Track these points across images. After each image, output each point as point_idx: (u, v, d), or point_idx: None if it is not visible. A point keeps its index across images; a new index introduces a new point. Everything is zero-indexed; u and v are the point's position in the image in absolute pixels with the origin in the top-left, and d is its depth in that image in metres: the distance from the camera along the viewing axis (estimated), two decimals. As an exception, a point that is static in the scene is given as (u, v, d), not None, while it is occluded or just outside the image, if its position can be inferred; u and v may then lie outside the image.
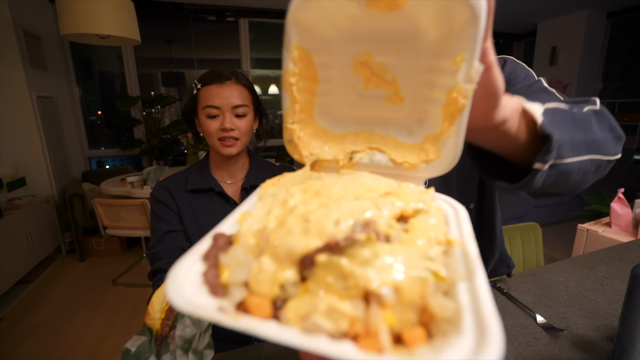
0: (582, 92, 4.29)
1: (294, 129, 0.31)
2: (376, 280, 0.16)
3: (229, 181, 0.89)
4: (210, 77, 0.80)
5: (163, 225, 0.80)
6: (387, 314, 0.16)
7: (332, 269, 0.16)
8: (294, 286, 0.17)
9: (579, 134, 0.39)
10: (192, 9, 3.63)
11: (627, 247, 1.05)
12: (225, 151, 0.81)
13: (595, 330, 0.67)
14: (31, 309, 2.23)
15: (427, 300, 0.16)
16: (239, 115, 0.80)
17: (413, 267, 0.17)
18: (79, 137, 3.58)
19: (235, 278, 0.18)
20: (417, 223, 0.21)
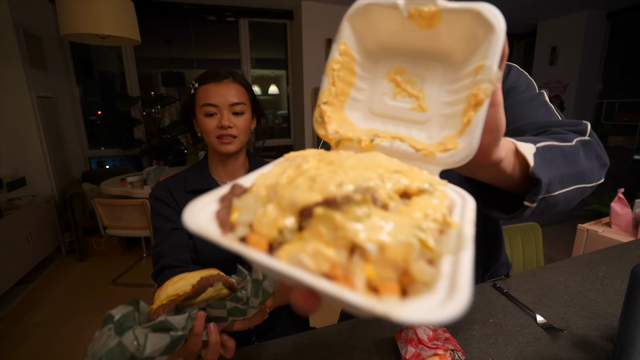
0: (582, 92, 4.29)
1: (325, 109, 0.33)
2: (363, 235, 0.17)
3: (228, 181, 0.88)
4: (207, 76, 0.80)
5: (167, 224, 0.80)
6: (368, 267, 0.17)
7: (326, 221, 0.18)
8: (291, 233, 0.19)
9: (568, 168, 0.43)
10: (192, 9, 3.63)
11: (627, 247, 1.05)
12: (224, 149, 0.81)
13: (595, 330, 0.67)
14: (31, 309, 2.23)
15: (409, 264, 0.17)
16: (237, 113, 0.81)
17: (402, 232, 0.18)
18: (79, 137, 3.58)
19: (242, 219, 0.21)
20: (418, 200, 0.22)
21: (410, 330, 0.58)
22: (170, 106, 4.03)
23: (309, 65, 3.76)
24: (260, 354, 0.65)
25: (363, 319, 0.74)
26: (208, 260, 0.82)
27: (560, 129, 0.52)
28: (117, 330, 0.37)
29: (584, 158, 0.47)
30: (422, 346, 0.54)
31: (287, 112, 4.43)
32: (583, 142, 0.49)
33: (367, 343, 0.66)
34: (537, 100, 0.61)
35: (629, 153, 3.84)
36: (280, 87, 4.50)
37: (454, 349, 0.55)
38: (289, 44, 4.10)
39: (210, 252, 0.81)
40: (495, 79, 0.28)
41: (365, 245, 0.17)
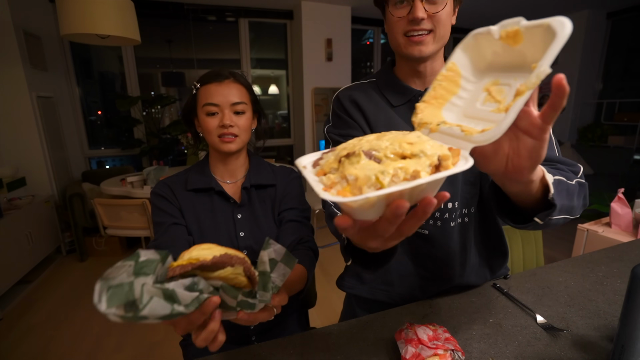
0: (582, 92, 4.29)
1: (419, 105, 0.46)
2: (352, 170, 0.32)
3: (228, 181, 0.89)
4: (209, 77, 0.82)
5: (167, 218, 0.81)
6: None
7: (345, 163, 0.34)
8: (335, 169, 0.34)
9: (567, 201, 0.54)
10: (192, 9, 3.63)
11: (627, 247, 1.05)
12: (225, 147, 0.81)
13: (595, 330, 0.67)
14: (31, 309, 2.23)
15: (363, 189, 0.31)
16: (238, 113, 0.82)
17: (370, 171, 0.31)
18: (79, 137, 3.58)
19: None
20: (407, 160, 0.33)
21: (410, 330, 0.58)
22: (170, 106, 4.03)
23: (309, 65, 3.76)
24: (260, 353, 0.65)
25: (363, 319, 0.74)
26: None
27: (564, 167, 0.64)
28: (135, 271, 0.37)
29: (577, 196, 0.58)
30: (422, 346, 0.54)
31: (287, 112, 4.43)
32: (580, 183, 0.60)
33: (367, 343, 0.66)
34: None
35: (629, 153, 3.84)
36: (280, 87, 4.50)
37: (454, 349, 0.55)
38: (289, 44, 4.10)
39: None
40: (542, 75, 0.33)
41: (348, 175, 0.32)
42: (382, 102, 0.77)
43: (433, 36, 0.66)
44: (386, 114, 0.76)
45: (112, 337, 1.94)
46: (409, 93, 0.75)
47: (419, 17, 0.63)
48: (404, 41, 0.68)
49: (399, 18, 0.66)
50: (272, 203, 0.89)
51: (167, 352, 1.82)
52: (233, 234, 0.84)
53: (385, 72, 0.80)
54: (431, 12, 0.64)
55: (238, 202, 0.86)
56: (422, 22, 0.64)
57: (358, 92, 0.80)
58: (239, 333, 0.88)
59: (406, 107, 0.75)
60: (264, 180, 0.89)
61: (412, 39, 0.66)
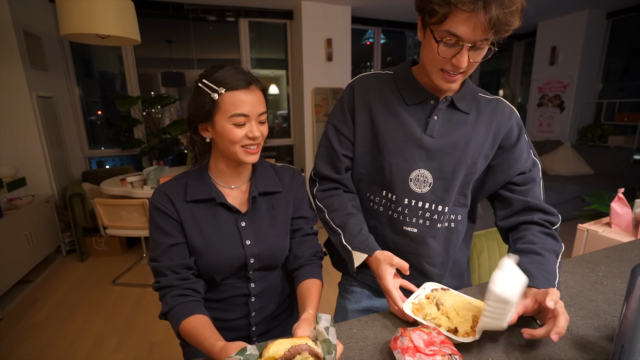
0: (582, 92, 4.29)
1: None
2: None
3: (233, 185, 0.85)
4: (233, 82, 0.73)
5: (166, 239, 0.78)
6: None
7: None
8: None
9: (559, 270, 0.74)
10: (192, 9, 3.63)
11: (627, 247, 1.05)
12: (249, 159, 0.78)
13: (595, 330, 0.67)
14: (31, 309, 2.23)
15: None
16: (262, 122, 0.79)
17: None
18: (79, 137, 3.58)
19: None
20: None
21: (405, 337, 0.57)
22: (170, 106, 4.03)
23: (309, 65, 3.76)
24: (260, 354, 0.65)
25: (363, 319, 0.74)
26: (210, 277, 0.82)
27: (543, 221, 0.81)
28: None
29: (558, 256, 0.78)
30: (419, 354, 0.54)
31: (287, 112, 4.43)
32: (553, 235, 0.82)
33: (367, 343, 0.66)
34: (532, 174, 0.82)
35: (629, 153, 3.84)
36: (280, 87, 4.50)
37: (451, 353, 0.55)
38: (289, 44, 4.10)
39: (212, 271, 0.81)
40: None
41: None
42: (395, 101, 0.81)
43: (462, 76, 0.72)
44: (397, 117, 0.80)
45: (112, 337, 1.94)
46: (424, 94, 0.79)
47: (462, 67, 0.66)
48: (437, 74, 0.71)
49: (443, 57, 0.67)
50: (280, 208, 0.87)
51: (167, 352, 1.82)
52: (239, 244, 0.81)
53: (404, 68, 0.83)
54: (473, 60, 0.66)
55: (242, 211, 0.83)
56: (461, 68, 0.67)
57: (373, 90, 0.83)
58: (239, 335, 0.88)
59: (419, 107, 0.80)
60: (270, 187, 0.86)
61: (446, 77, 0.70)
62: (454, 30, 0.62)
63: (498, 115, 0.80)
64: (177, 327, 0.71)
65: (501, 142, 0.80)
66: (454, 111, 0.79)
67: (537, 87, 4.70)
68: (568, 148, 4.14)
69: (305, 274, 0.86)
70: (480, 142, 0.78)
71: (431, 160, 0.78)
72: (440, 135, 0.78)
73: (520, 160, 0.80)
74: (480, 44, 0.63)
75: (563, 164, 4.09)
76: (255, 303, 0.87)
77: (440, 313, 0.66)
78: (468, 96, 0.80)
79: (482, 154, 0.79)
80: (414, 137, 0.78)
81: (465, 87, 0.80)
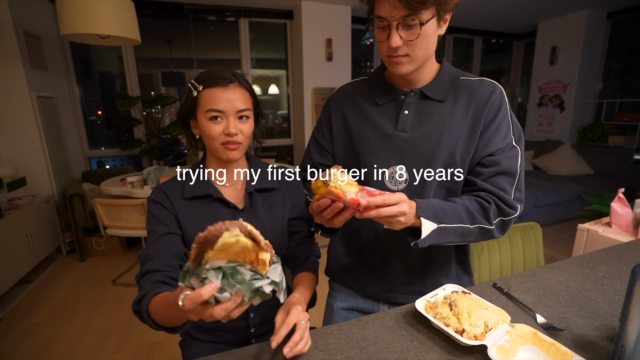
0: (582, 92, 4.29)
1: None
2: None
3: (228, 184, 0.86)
4: (212, 79, 0.76)
5: (161, 227, 0.78)
6: None
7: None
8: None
9: (456, 238, 0.73)
10: (192, 9, 3.63)
11: (627, 247, 1.05)
12: (229, 155, 0.79)
13: (595, 330, 0.67)
14: (31, 309, 2.23)
15: None
16: (242, 119, 0.79)
17: None
18: (79, 137, 3.58)
19: None
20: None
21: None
22: (170, 106, 4.03)
23: (309, 65, 3.76)
24: (260, 354, 0.65)
25: (363, 319, 0.74)
26: None
27: (493, 207, 0.73)
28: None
29: (474, 236, 0.74)
30: None
31: (287, 112, 4.43)
32: (483, 229, 0.73)
33: (367, 343, 0.66)
34: (497, 157, 0.75)
35: (629, 153, 3.84)
36: (280, 87, 4.50)
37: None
38: (289, 44, 4.10)
39: None
40: None
41: None
42: (366, 104, 0.84)
43: (409, 59, 0.71)
44: (368, 119, 0.83)
45: (112, 337, 1.94)
46: (392, 92, 0.81)
47: (394, 46, 0.68)
48: (387, 60, 0.74)
49: (380, 42, 0.72)
50: (277, 206, 0.88)
51: (167, 352, 1.82)
52: None
53: (377, 72, 0.86)
54: (406, 39, 0.68)
55: (239, 207, 0.83)
56: (399, 49, 0.69)
57: (347, 98, 0.88)
58: (238, 335, 0.88)
59: (390, 105, 0.82)
60: (266, 184, 0.86)
61: (392, 59, 0.72)
62: (378, 13, 0.68)
63: (476, 99, 0.75)
64: (147, 304, 0.64)
65: (482, 128, 0.75)
66: (427, 102, 0.78)
67: (537, 87, 4.70)
68: (568, 148, 4.14)
69: (301, 268, 0.90)
70: (457, 130, 0.75)
71: (405, 156, 0.78)
72: (412, 129, 0.78)
73: (490, 143, 0.75)
74: (405, 21, 0.66)
75: (563, 164, 4.09)
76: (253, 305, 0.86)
77: (452, 314, 0.66)
78: (443, 84, 0.78)
79: (460, 144, 0.75)
80: (386, 135, 0.79)
81: (440, 76, 0.78)
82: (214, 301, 0.44)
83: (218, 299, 0.44)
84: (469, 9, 3.92)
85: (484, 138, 0.75)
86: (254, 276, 0.44)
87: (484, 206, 0.73)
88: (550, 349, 0.59)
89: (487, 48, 5.27)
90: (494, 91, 0.76)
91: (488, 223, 0.73)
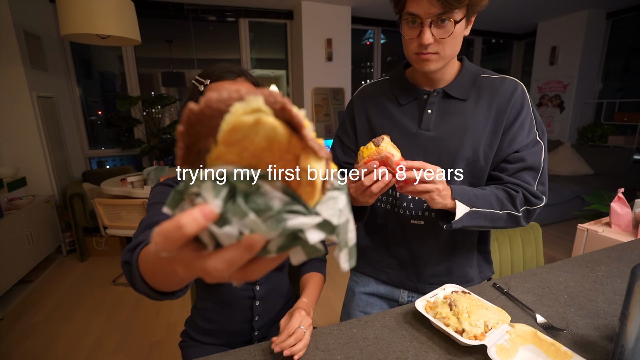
0: (582, 92, 4.29)
1: None
2: None
3: None
4: (219, 73, 0.74)
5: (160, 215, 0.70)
6: None
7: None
8: None
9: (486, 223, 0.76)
10: (192, 9, 3.63)
11: (627, 247, 1.05)
12: None
13: (595, 330, 0.67)
14: (31, 309, 2.23)
15: None
16: None
17: None
18: (79, 137, 3.58)
19: None
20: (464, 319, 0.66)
21: None
22: (170, 106, 4.03)
23: (309, 65, 3.76)
24: (261, 353, 0.65)
25: (363, 319, 0.74)
26: None
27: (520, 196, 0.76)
28: None
29: (503, 222, 0.76)
30: None
31: (287, 112, 4.42)
32: (511, 215, 0.76)
33: (367, 343, 0.66)
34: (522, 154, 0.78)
35: (629, 153, 3.84)
36: (280, 87, 4.50)
37: None
38: (289, 44, 4.10)
39: None
40: None
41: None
42: (389, 104, 0.85)
43: (438, 56, 0.72)
44: (392, 118, 0.83)
45: (112, 337, 1.95)
46: (415, 92, 0.82)
47: (426, 44, 0.69)
48: (414, 57, 0.74)
49: (409, 39, 0.72)
50: None
51: (167, 352, 1.82)
52: None
53: (398, 72, 0.87)
54: (438, 37, 0.69)
55: None
56: (429, 47, 0.70)
57: (370, 98, 0.89)
58: (242, 339, 0.88)
59: (413, 105, 0.82)
60: None
61: (421, 57, 0.72)
62: (411, 10, 0.68)
63: (499, 98, 0.77)
64: (137, 256, 0.46)
65: (505, 125, 0.77)
66: (450, 100, 0.79)
67: (537, 87, 4.70)
68: (568, 148, 4.14)
69: (308, 267, 0.90)
70: (480, 129, 0.77)
71: (429, 154, 0.80)
72: (436, 128, 0.79)
73: (515, 140, 0.77)
74: (438, 18, 0.67)
75: (563, 164, 4.09)
76: (259, 307, 0.86)
77: (452, 314, 0.66)
78: (465, 82, 0.79)
79: (483, 141, 0.77)
80: (410, 134, 0.81)
81: (462, 75, 0.79)
82: (212, 244, 0.23)
83: (218, 238, 0.23)
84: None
85: (508, 135, 0.77)
86: (289, 205, 0.22)
87: (511, 195, 0.76)
88: (550, 348, 0.59)
89: (487, 48, 5.27)
90: (515, 89, 0.77)
91: (515, 210, 0.76)
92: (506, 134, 0.77)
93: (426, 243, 0.85)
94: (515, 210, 0.76)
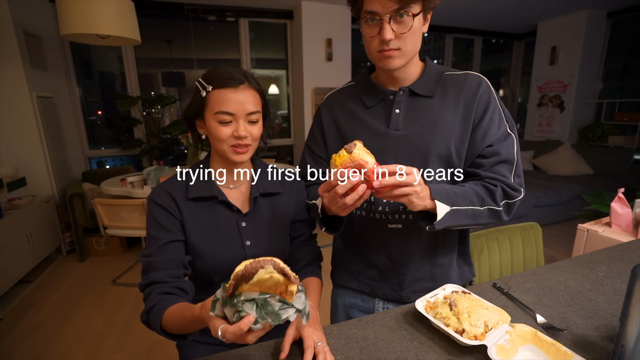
0: (582, 92, 4.30)
1: None
2: None
3: (232, 185, 0.85)
4: (222, 79, 0.73)
5: (164, 235, 0.76)
6: None
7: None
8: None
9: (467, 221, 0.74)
10: (192, 9, 3.63)
11: (627, 247, 1.05)
12: (238, 158, 0.77)
13: (595, 330, 0.67)
14: (31, 309, 2.23)
15: None
16: (252, 122, 0.77)
17: None
18: (79, 137, 3.58)
19: None
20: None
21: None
22: (170, 106, 4.04)
23: (309, 65, 3.76)
24: (260, 353, 0.65)
25: (363, 319, 0.74)
26: (207, 277, 0.81)
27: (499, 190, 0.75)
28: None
29: (485, 218, 0.75)
30: None
31: (287, 112, 4.43)
32: (492, 210, 0.75)
33: (367, 343, 0.66)
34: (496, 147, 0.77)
35: (629, 153, 3.84)
36: (280, 87, 4.50)
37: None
38: (289, 44, 4.10)
39: (210, 271, 0.80)
40: None
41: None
42: (357, 108, 0.85)
43: (400, 52, 0.72)
44: (360, 122, 0.84)
45: (112, 337, 1.95)
46: (381, 93, 0.82)
47: (387, 39, 0.69)
48: (377, 56, 0.74)
49: (370, 37, 0.72)
50: (281, 210, 0.86)
51: (167, 352, 1.82)
52: (239, 244, 0.81)
53: (363, 76, 0.87)
54: (398, 32, 0.70)
55: (243, 211, 0.82)
56: (391, 42, 0.70)
57: (337, 104, 0.89)
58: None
59: (380, 106, 0.83)
60: (271, 188, 0.85)
61: (384, 54, 0.73)
62: (369, 8, 0.69)
63: (465, 92, 0.77)
64: (160, 318, 0.65)
65: (474, 120, 0.77)
66: (417, 99, 0.79)
67: (537, 87, 4.70)
68: (568, 148, 4.14)
69: (305, 273, 0.87)
70: (449, 124, 0.77)
71: (401, 153, 0.79)
72: (405, 127, 0.79)
73: (487, 134, 0.77)
74: (397, 13, 0.67)
75: (563, 164, 4.09)
76: None
77: (452, 314, 0.66)
78: (430, 80, 0.79)
79: (454, 137, 0.77)
80: (379, 135, 0.80)
81: (426, 73, 0.80)
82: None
83: (251, 328, 0.49)
84: (469, 9, 3.92)
85: (480, 130, 0.77)
86: (282, 306, 0.49)
87: (490, 189, 0.75)
88: (550, 349, 0.59)
89: (487, 48, 5.27)
90: (480, 83, 0.78)
91: (496, 205, 0.75)
92: (477, 129, 0.77)
93: (406, 247, 0.84)
94: (496, 205, 0.75)
